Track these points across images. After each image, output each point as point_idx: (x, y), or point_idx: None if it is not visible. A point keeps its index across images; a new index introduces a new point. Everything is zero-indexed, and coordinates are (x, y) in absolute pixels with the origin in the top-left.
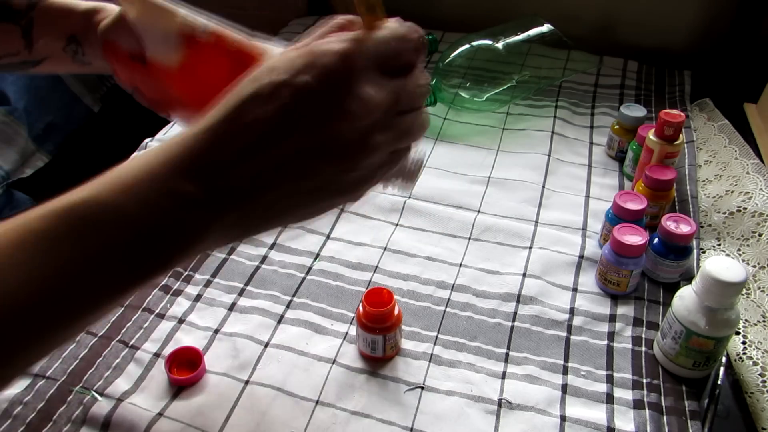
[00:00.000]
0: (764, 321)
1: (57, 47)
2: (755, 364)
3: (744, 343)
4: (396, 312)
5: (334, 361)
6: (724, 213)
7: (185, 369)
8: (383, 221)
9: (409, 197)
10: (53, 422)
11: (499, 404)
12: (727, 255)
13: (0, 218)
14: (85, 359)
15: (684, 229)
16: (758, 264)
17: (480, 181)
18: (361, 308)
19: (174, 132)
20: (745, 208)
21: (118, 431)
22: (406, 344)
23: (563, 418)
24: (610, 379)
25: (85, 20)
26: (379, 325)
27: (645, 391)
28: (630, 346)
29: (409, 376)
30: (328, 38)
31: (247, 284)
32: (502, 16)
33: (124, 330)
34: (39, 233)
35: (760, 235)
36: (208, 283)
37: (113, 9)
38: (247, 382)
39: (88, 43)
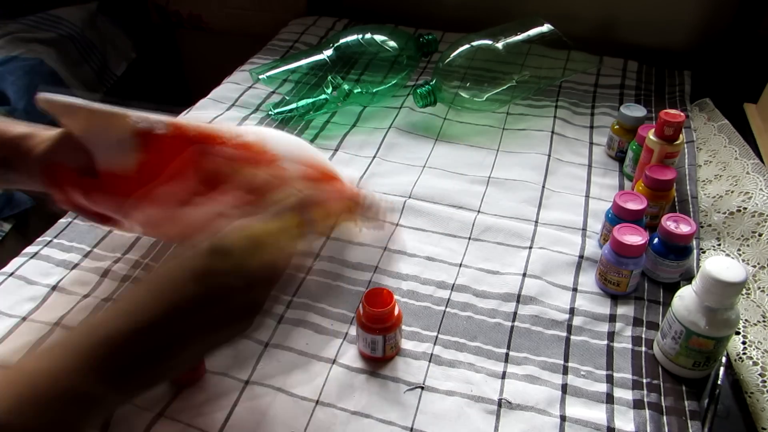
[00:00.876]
0: (764, 321)
1: None
2: (755, 364)
3: (744, 343)
4: (396, 312)
5: (334, 361)
6: (724, 213)
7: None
8: (383, 221)
9: (410, 197)
10: None
11: (499, 404)
12: (727, 255)
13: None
14: None
15: (684, 229)
16: (758, 264)
17: (480, 181)
18: (361, 308)
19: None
20: (745, 208)
21: (118, 431)
22: (406, 344)
23: (563, 418)
24: (610, 379)
25: (15, 145)
26: (379, 325)
27: (645, 391)
28: (630, 346)
29: (409, 376)
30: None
31: None
32: (502, 16)
33: None
34: None
35: (760, 235)
36: None
37: (46, 135)
38: (247, 382)
39: (18, 167)
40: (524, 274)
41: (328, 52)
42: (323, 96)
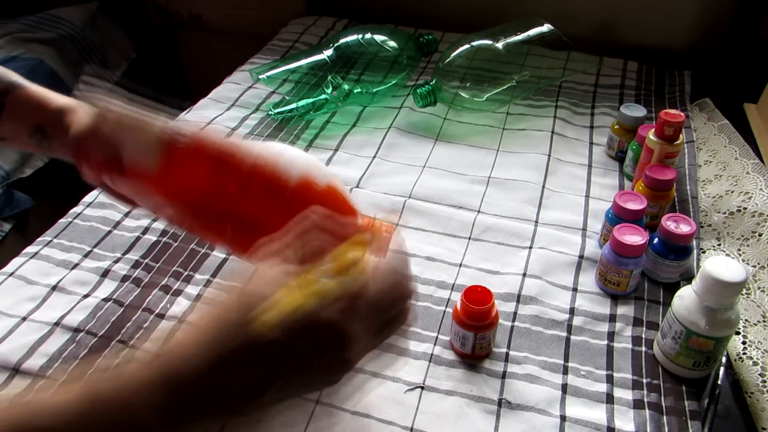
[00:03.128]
0: (764, 321)
1: (22, 134)
2: (755, 364)
3: (744, 343)
4: (493, 313)
5: None
6: (724, 213)
7: None
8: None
9: (410, 197)
10: None
11: (499, 404)
12: (727, 255)
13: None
14: (84, 360)
15: (684, 229)
16: (758, 264)
17: (480, 181)
18: (458, 302)
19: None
20: (745, 208)
21: None
22: (406, 344)
23: (563, 418)
24: (610, 379)
25: (56, 117)
26: (472, 322)
27: (645, 391)
28: (630, 346)
29: (409, 376)
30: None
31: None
32: (502, 16)
33: (124, 330)
34: None
35: (760, 235)
36: (208, 283)
37: (86, 111)
38: None
39: (55, 138)
40: (524, 274)
41: (328, 52)
42: (323, 96)
